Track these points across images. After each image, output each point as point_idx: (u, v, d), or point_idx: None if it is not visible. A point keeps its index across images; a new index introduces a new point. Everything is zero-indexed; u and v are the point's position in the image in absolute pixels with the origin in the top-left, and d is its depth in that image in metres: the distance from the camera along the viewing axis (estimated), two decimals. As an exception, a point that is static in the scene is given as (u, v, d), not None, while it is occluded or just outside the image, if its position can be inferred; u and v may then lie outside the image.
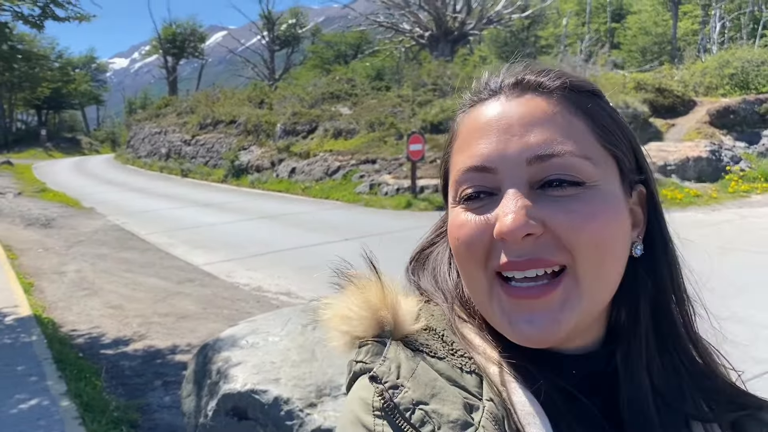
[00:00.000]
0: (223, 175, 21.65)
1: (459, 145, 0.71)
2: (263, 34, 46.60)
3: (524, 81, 0.70)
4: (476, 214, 0.66)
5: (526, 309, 0.64)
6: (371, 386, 0.62)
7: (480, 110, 0.71)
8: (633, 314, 0.70)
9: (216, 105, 28.27)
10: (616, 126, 0.70)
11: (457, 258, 0.69)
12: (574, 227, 0.63)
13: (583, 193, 0.64)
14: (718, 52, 21.75)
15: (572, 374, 0.68)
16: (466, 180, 0.68)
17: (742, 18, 32.75)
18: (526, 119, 0.66)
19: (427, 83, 20.88)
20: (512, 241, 0.62)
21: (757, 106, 15.59)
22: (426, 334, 0.68)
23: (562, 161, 0.64)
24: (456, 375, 0.64)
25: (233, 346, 2.37)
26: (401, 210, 13.51)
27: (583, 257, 0.63)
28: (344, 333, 0.69)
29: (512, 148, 0.65)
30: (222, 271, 8.32)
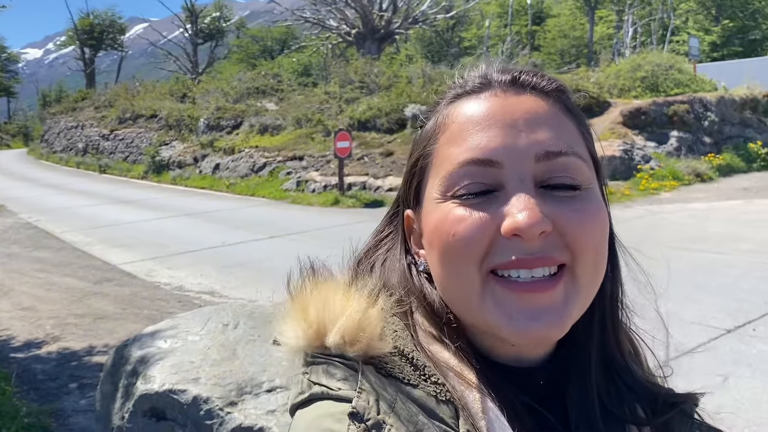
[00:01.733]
0: (143, 171, 20.99)
1: (450, 138, 0.68)
2: (186, 26, 45.37)
3: (521, 79, 0.69)
4: (476, 209, 0.63)
5: (528, 304, 0.61)
6: (344, 419, 0.57)
7: (475, 103, 0.68)
8: (588, 322, 0.70)
9: (136, 99, 27.36)
10: (591, 129, 0.73)
11: (446, 255, 0.64)
12: (581, 226, 0.63)
13: (582, 195, 0.65)
14: (631, 56, 22.78)
15: (537, 385, 0.68)
16: (464, 173, 0.64)
17: (653, 24, 34.45)
18: (531, 116, 0.65)
19: (354, 80, 20.90)
20: (527, 237, 0.60)
21: (666, 108, 16.43)
22: (394, 356, 0.64)
23: (567, 161, 0.64)
24: (432, 405, 0.61)
25: (151, 345, 2.33)
26: (329, 207, 13.50)
27: (583, 256, 0.63)
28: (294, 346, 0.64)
29: (521, 143, 0.64)
30: (142, 271, 8.09)
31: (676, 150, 15.72)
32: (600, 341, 0.72)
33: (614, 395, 0.71)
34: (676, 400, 0.75)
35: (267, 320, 2.56)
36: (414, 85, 18.75)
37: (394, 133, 17.34)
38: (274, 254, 8.63)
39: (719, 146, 16.48)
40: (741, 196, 12.46)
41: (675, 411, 0.74)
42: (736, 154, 16.26)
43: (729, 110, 17.50)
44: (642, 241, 8.31)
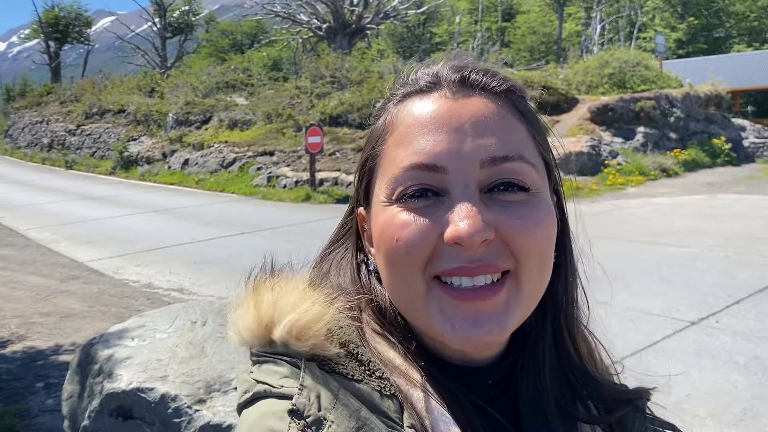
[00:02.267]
0: (111, 167, 20.65)
1: (397, 139, 0.66)
2: (154, 20, 44.67)
3: (469, 79, 0.67)
4: (420, 215, 0.62)
5: (470, 311, 0.61)
6: (285, 417, 0.56)
7: (421, 103, 0.67)
8: (540, 323, 0.71)
9: (103, 93, 26.89)
10: (545, 131, 0.71)
11: (390, 260, 0.64)
12: (525, 233, 0.62)
13: (529, 200, 0.64)
14: (599, 52, 23.09)
15: (486, 385, 0.68)
16: (409, 178, 0.63)
17: (620, 22, 34.93)
18: (478, 120, 0.64)
19: (325, 75, 20.83)
20: (468, 246, 0.60)
21: (633, 104, 16.71)
22: (339, 352, 0.63)
23: (513, 165, 0.63)
24: (376, 399, 0.61)
25: (118, 343, 2.30)
26: (300, 203, 13.45)
27: (528, 263, 0.62)
28: (242, 339, 0.63)
29: (466, 149, 0.62)
30: (109, 268, 7.97)
31: (643, 146, 16.00)
32: (553, 341, 0.71)
33: (567, 394, 0.71)
34: (628, 396, 0.76)
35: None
36: (386, 80, 18.69)
37: (365, 129, 17.27)
38: (244, 251, 8.57)
39: (684, 142, 16.81)
40: (705, 191, 12.74)
41: (628, 408, 0.75)
42: (700, 149, 16.61)
43: (694, 106, 17.86)
44: (608, 235, 8.44)
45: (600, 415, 0.73)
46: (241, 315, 0.64)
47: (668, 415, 0.83)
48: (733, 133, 18.12)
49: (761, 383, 4.09)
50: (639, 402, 0.77)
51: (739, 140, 17.94)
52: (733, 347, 4.67)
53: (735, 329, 5.02)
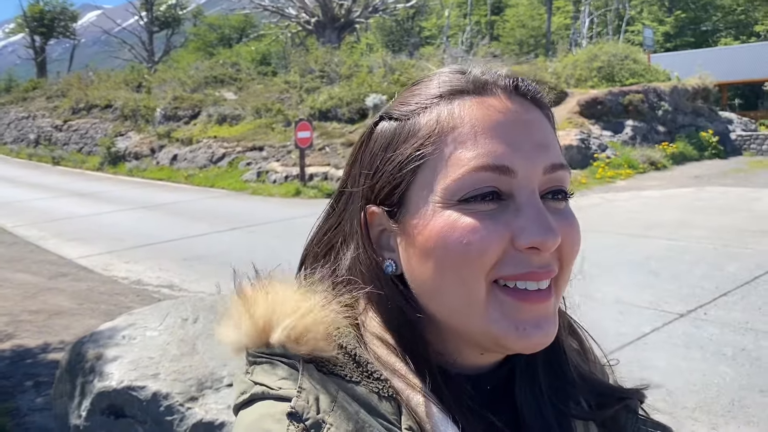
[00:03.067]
0: (98, 163, 20.51)
1: (459, 139, 0.64)
2: (141, 14, 44.32)
3: (522, 88, 0.68)
4: (488, 218, 0.62)
5: (533, 314, 0.62)
6: (283, 419, 0.56)
7: (484, 105, 0.65)
8: None
9: (90, 88, 26.66)
10: None
11: (452, 264, 0.62)
12: (573, 240, 0.65)
13: (567, 207, 0.67)
14: (588, 46, 23.15)
15: (486, 391, 0.68)
16: (477, 179, 0.62)
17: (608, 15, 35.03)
18: (538, 127, 0.66)
19: (314, 70, 20.76)
20: (545, 251, 0.61)
21: (621, 98, 16.76)
22: (337, 354, 0.62)
23: (564, 174, 0.66)
24: (374, 402, 0.61)
25: (109, 342, 2.29)
26: (290, 198, 13.42)
27: (567, 268, 0.66)
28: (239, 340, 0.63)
29: (534, 154, 0.64)
30: (98, 265, 7.92)
31: (632, 139, 16.06)
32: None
33: (560, 392, 0.72)
34: (621, 395, 0.76)
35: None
36: (375, 74, 18.73)
37: (355, 123, 17.30)
38: (234, 246, 8.55)
39: (672, 135, 16.90)
40: (693, 184, 12.82)
41: (620, 406, 0.75)
42: (688, 142, 16.70)
43: (682, 100, 17.95)
44: (598, 228, 8.49)
45: (592, 412, 0.73)
46: (236, 319, 0.63)
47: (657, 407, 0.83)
48: (721, 126, 18.23)
49: (749, 374, 4.14)
50: (630, 402, 0.76)
51: (726, 133, 18.05)
52: (721, 339, 4.71)
53: (723, 321, 5.07)
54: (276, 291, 0.65)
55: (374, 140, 0.70)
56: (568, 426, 0.71)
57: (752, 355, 4.42)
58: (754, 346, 4.57)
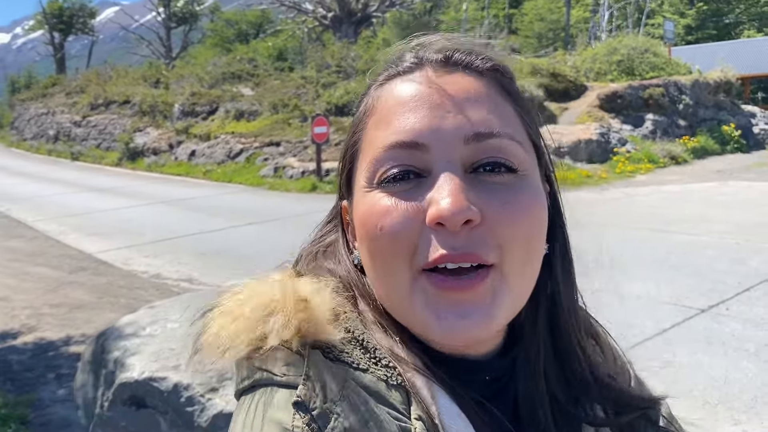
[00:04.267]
0: (117, 159, 20.68)
1: (377, 121, 0.63)
2: (159, 10, 44.60)
3: (452, 58, 0.64)
4: (403, 199, 0.59)
5: (456, 301, 0.57)
6: (289, 408, 0.53)
7: (403, 84, 0.64)
8: (532, 316, 0.67)
9: (108, 84, 26.87)
10: (536, 114, 0.68)
11: (374, 251, 0.60)
12: (511, 220, 0.58)
13: (517, 183, 0.60)
14: (607, 39, 22.91)
15: (483, 380, 0.64)
16: (390, 158, 0.60)
17: (628, 8, 34.64)
18: (460, 96, 0.61)
19: (331, 65, 20.77)
20: (450, 226, 0.56)
21: (641, 92, 16.58)
22: (343, 339, 0.59)
23: (499, 143, 0.60)
24: (383, 390, 0.57)
25: (130, 334, 2.30)
26: (307, 193, 13.45)
27: (512, 252, 0.58)
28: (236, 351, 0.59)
29: (448, 124, 0.59)
30: (118, 259, 7.99)
31: (652, 133, 15.89)
32: (549, 337, 0.68)
33: (569, 394, 0.68)
34: (637, 403, 0.72)
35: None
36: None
37: (371, 118, 17.29)
38: (252, 241, 8.58)
39: (693, 129, 16.69)
40: (715, 178, 12.65)
41: (636, 414, 0.71)
42: (710, 136, 16.48)
43: (703, 93, 17.72)
44: (618, 223, 8.41)
45: (607, 418, 0.69)
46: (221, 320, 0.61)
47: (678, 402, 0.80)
48: (743, 119, 17.96)
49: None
50: (650, 412, 0.73)
51: (749, 127, 17.78)
52: (743, 334, 4.65)
53: (745, 317, 4.99)
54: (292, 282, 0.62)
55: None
56: (574, 429, 0.67)
57: (776, 351, 4.35)
58: (778, 342, 4.50)
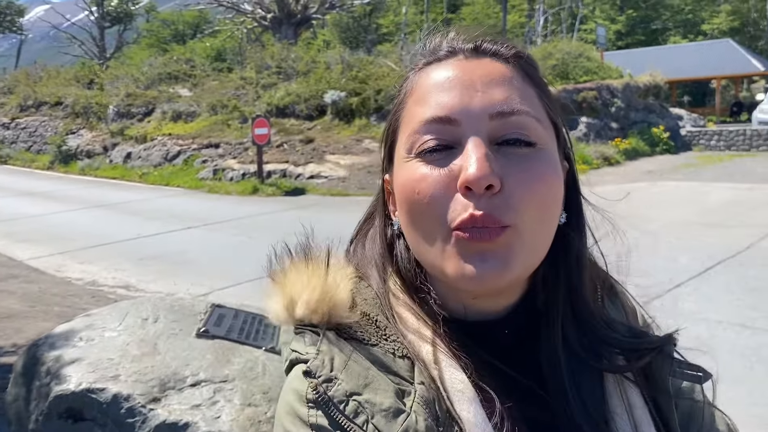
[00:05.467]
0: (49, 162, 19.90)
1: (416, 99, 0.72)
2: (91, 9, 43.18)
3: (482, 47, 0.74)
4: (437, 166, 0.67)
5: (478, 251, 0.65)
6: (302, 377, 0.65)
7: (439, 68, 0.73)
8: (553, 275, 0.75)
9: (38, 85, 25.85)
10: (556, 99, 0.77)
11: (413, 213, 0.69)
12: (527, 186, 0.66)
13: (534, 154, 0.68)
14: (542, 44, 23.50)
15: (504, 341, 0.73)
16: (427, 131, 0.69)
17: (562, 13, 35.63)
18: (487, 78, 0.70)
19: (271, 66, 20.54)
20: (476, 189, 0.64)
21: (576, 95, 17.08)
22: (359, 320, 0.71)
23: (520, 120, 0.68)
24: (389, 361, 0.68)
25: (65, 344, 2.21)
26: (248, 195, 13.26)
27: (528, 216, 0.66)
28: (284, 312, 0.71)
29: (476, 102, 0.68)
30: (51, 266, 7.69)
31: (586, 135, 16.38)
32: (567, 293, 0.75)
33: (588, 347, 0.75)
34: (653, 344, 0.79)
35: (189, 313, 2.49)
36: (332, 71, 18.63)
37: (314, 120, 17.19)
38: (191, 245, 8.41)
39: (625, 131, 17.30)
40: (646, 179, 13.15)
41: (653, 354, 0.78)
42: (641, 138, 17.12)
43: (634, 96, 18.39)
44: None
45: (625, 365, 0.76)
46: (271, 300, 0.73)
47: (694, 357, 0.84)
48: (671, 122, 18.74)
49: (702, 363, 4.25)
50: (665, 348, 0.80)
51: (676, 129, 18.56)
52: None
53: (677, 312, 5.21)
54: (297, 270, 0.72)
55: None
56: (594, 379, 0.75)
57: (706, 345, 4.54)
58: (708, 335, 4.71)
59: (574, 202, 0.80)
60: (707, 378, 0.81)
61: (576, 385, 0.72)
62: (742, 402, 3.72)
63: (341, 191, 13.26)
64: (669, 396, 0.78)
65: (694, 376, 0.81)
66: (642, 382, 0.78)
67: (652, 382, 0.79)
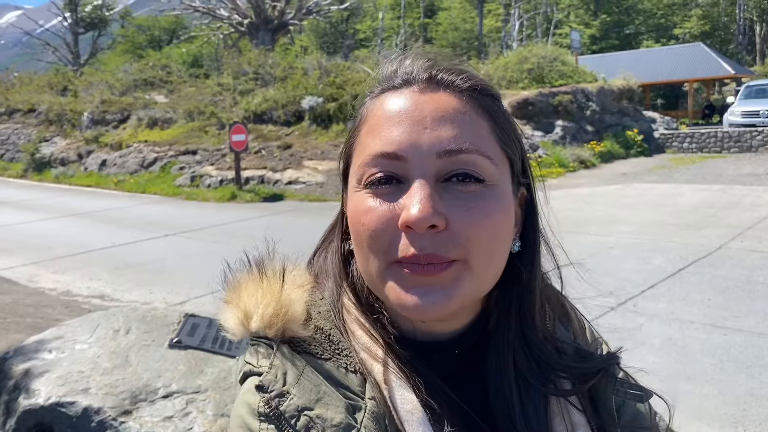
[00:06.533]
0: (22, 170, 19.59)
1: (369, 130, 0.72)
2: (65, 15, 42.68)
3: (437, 78, 0.73)
4: (383, 200, 0.68)
5: (421, 283, 0.66)
6: (254, 391, 0.66)
7: (392, 98, 0.73)
8: (505, 300, 0.76)
9: (11, 92, 25.51)
10: (512, 130, 0.76)
11: (358, 242, 0.70)
12: (472, 224, 0.66)
13: (483, 192, 0.68)
14: (518, 48, 23.68)
15: (453, 360, 0.74)
16: (375, 164, 0.69)
17: (537, 18, 35.96)
18: (438, 114, 0.69)
19: (248, 72, 20.46)
20: (417, 229, 0.64)
21: (551, 99, 17.24)
22: (314, 335, 0.71)
23: (468, 158, 0.68)
24: (341, 375, 0.69)
25: (35, 356, 2.19)
26: (226, 202, 13.18)
27: (476, 251, 0.67)
28: (239, 326, 0.71)
29: (424, 140, 0.68)
30: (23, 276, 7.57)
31: (562, 138, 16.54)
32: (518, 325, 0.76)
33: (537, 371, 0.76)
34: (599, 366, 0.81)
35: (162, 323, 2.48)
36: (310, 76, 18.61)
37: (291, 126, 17.15)
38: (168, 253, 8.33)
39: (600, 134, 17.49)
40: (621, 181, 13.31)
41: (598, 376, 0.80)
42: (615, 141, 17.33)
43: (608, 100, 18.60)
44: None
45: (570, 389, 0.77)
46: (227, 313, 0.73)
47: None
48: (645, 125, 18.99)
49: (675, 362, 4.32)
50: (610, 368, 0.82)
51: (650, 132, 18.81)
52: (650, 330, 4.90)
53: (651, 312, 5.28)
54: (254, 284, 0.73)
55: None
56: (540, 403, 0.76)
57: (678, 344, 4.62)
58: (680, 335, 4.78)
59: (530, 228, 0.79)
60: (648, 397, 0.83)
61: (522, 407, 0.74)
62: (713, 400, 3.79)
63: (319, 197, 13.24)
64: (612, 416, 0.80)
65: (636, 395, 0.82)
66: (588, 406, 0.79)
67: (597, 402, 0.81)
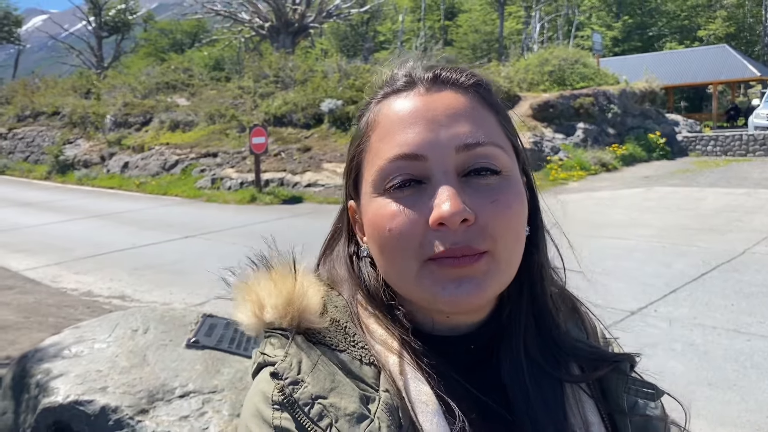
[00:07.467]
0: (46, 172, 19.90)
1: (380, 135, 0.73)
2: (89, 19, 43.28)
3: (441, 77, 0.74)
4: (406, 204, 0.69)
5: (454, 275, 0.67)
6: (269, 379, 0.66)
7: (399, 101, 0.74)
8: (516, 287, 0.77)
9: (36, 95, 25.91)
10: (510, 119, 0.79)
11: (384, 247, 0.70)
12: (497, 215, 0.68)
13: (501, 183, 0.70)
14: (539, 50, 23.55)
15: (469, 351, 0.75)
16: (394, 168, 0.70)
17: (558, 20, 35.75)
18: (450, 111, 0.71)
19: (269, 75, 20.59)
20: (451, 226, 0.66)
21: (572, 101, 17.10)
22: (329, 327, 0.72)
23: (485, 150, 0.70)
24: (355, 367, 0.69)
25: (54, 356, 2.21)
26: (246, 204, 13.27)
27: (503, 241, 0.69)
28: (253, 318, 0.72)
29: (442, 137, 0.69)
30: (46, 276, 7.68)
31: (583, 141, 16.40)
32: (531, 307, 0.78)
33: (549, 357, 0.77)
34: (612, 358, 0.81)
35: (180, 323, 2.49)
36: (330, 79, 18.67)
37: (311, 128, 17.22)
38: (188, 255, 8.40)
39: (622, 137, 17.32)
40: (642, 184, 13.16)
41: (609, 367, 0.80)
42: (637, 144, 17.14)
43: (630, 102, 18.41)
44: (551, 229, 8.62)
45: (581, 375, 0.79)
46: (240, 307, 0.73)
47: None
48: (668, 127, 18.76)
49: (697, 368, 4.26)
50: (621, 364, 0.81)
51: (673, 134, 18.58)
52: (671, 335, 4.84)
53: (672, 317, 5.21)
54: (267, 278, 0.73)
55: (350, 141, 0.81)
56: (555, 388, 0.76)
57: (700, 350, 4.55)
58: (702, 340, 4.71)
59: (533, 215, 0.81)
60: (660, 395, 0.82)
61: (539, 395, 0.74)
62: (735, 406, 3.72)
63: (338, 199, 13.11)
64: (624, 414, 0.80)
65: (648, 393, 0.82)
66: (599, 397, 0.80)
67: (609, 398, 0.81)
